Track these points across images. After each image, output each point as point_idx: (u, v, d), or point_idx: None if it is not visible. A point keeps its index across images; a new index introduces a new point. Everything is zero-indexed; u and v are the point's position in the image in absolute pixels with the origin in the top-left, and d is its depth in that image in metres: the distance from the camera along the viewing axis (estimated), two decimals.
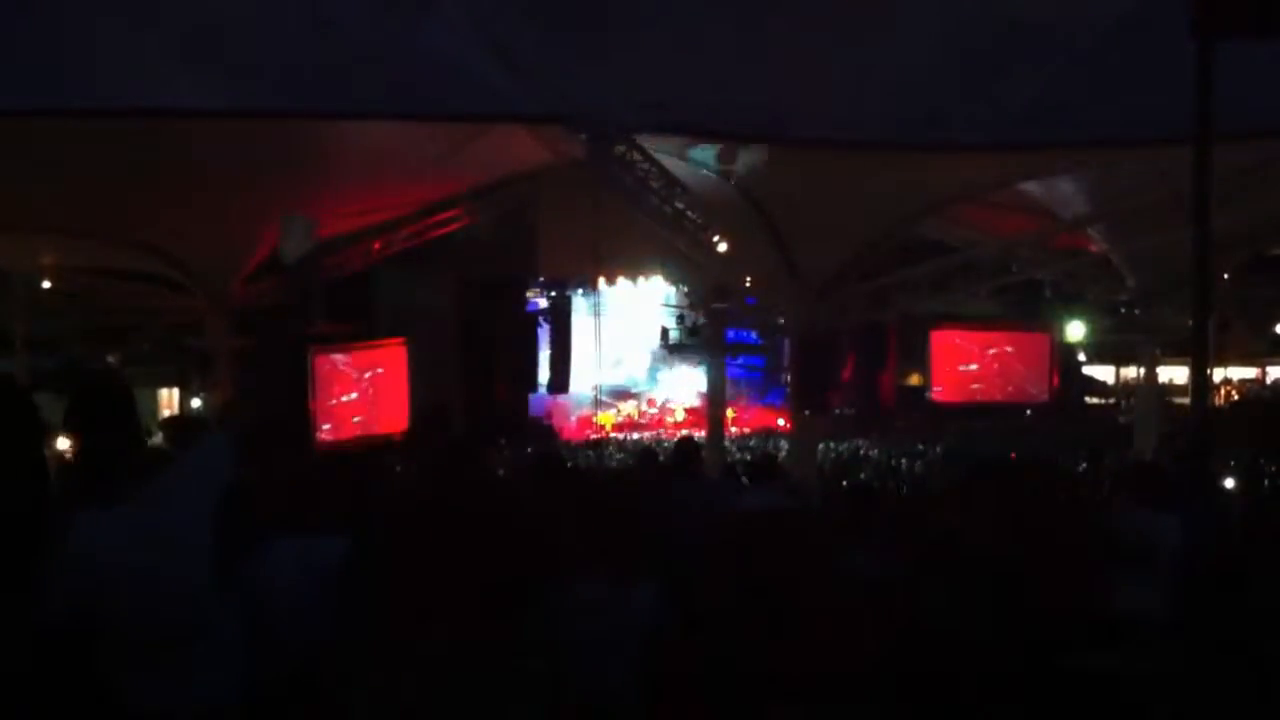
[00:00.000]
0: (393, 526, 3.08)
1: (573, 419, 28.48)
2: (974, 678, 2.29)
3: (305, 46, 14.03)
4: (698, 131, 15.55)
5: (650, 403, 30.66)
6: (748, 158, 16.11)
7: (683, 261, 20.29)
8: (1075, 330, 23.17)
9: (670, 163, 16.58)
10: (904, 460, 22.20)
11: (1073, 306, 22.86)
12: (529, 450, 20.86)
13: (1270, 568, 6.36)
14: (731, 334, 24.30)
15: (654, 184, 16.52)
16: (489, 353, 23.67)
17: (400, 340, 21.93)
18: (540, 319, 25.66)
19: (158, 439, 6.93)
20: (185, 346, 22.37)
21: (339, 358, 21.84)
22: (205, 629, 2.92)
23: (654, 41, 14.55)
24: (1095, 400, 30.32)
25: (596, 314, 27.55)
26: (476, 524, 2.48)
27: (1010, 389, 21.81)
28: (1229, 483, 12.69)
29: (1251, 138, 12.65)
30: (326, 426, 19.76)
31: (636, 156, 16.00)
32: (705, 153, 16.24)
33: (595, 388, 28.69)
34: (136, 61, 13.53)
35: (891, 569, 3.65)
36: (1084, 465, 14.32)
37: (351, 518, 4.07)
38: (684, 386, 30.37)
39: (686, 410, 29.76)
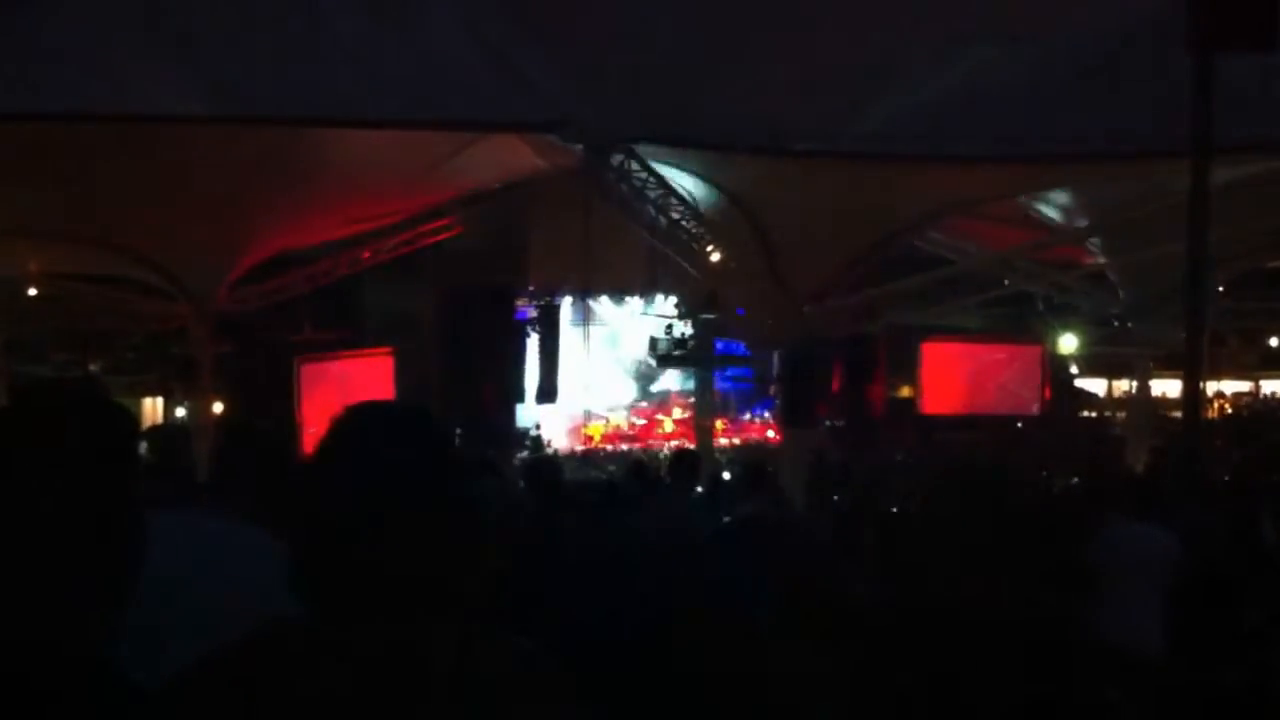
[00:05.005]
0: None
1: (561, 429, 28.32)
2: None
3: (299, 53, 13.93)
4: (695, 142, 15.47)
5: (639, 413, 30.53)
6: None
7: (673, 271, 20.17)
8: (1067, 343, 23.06)
9: (664, 171, 16.48)
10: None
11: (1065, 319, 22.76)
12: (516, 461, 20.66)
13: (1257, 579, 6.25)
14: (720, 345, 24.14)
15: (650, 194, 16.43)
16: (476, 362, 23.46)
17: (388, 349, 21.75)
18: (529, 329, 25.47)
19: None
20: (168, 354, 22.17)
21: (325, 366, 21.67)
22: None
23: (652, 51, 14.47)
24: (1089, 414, 30.22)
25: (586, 324, 27.42)
26: None
27: (1001, 402, 21.69)
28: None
29: (1247, 152, 12.57)
30: (313, 431, 19.55)
31: (633, 166, 15.93)
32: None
33: (584, 409, 28.60)
34: (129, 66, 13.42)
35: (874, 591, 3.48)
36: (1076, 479, 14.18)
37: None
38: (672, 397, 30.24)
39: (675, 421, 29.61)
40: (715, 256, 17.72)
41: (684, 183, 16.80)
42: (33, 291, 21.29)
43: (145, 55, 13.55)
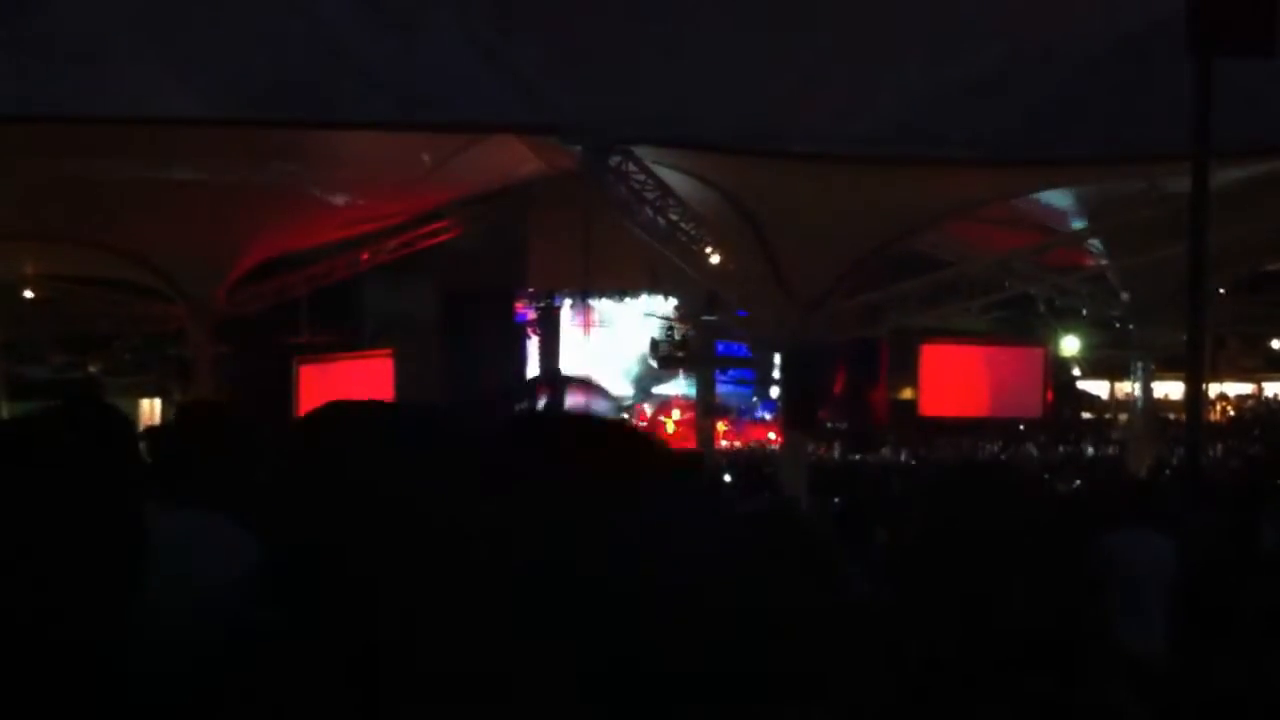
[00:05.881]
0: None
1: None
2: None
3: (299, 56, 13.94)
4: (694, 144, 15.42)
5: (640, 415, 30.44)
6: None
7: (673, 273, 20.12)
8: (1069, 345, 23.01)
9: (663, 173, 16.42)
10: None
11: (1067, 322, 22.72)
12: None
13: (1258, 584, 6.19)
14: (721, 347, 24.09)
15: (649, 196, 16.38)
16: (476, 364, 23.44)
17: (388, 351, 21.70)
18: (529, 330, 25.44)
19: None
20: (167, 355, 22.11)
21: (324, 367, 21.63)
22: None
23: (651, 53, 14.45)
24: (1089, 416, 30.10)
25: (586, 325, 27.39)
26: None
27: (1002, 404, 21.63)
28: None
29: (1248, 156, 12.53)
30: None
31: (632, 168, 15.87)
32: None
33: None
34: (128, 68, 13.42)
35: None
36: (1077, 483, 14.14)
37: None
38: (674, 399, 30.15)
39: (676, 423, 29.52)
40: (715, 259, 17.67)
41: (683, 184, 16.75)
42: (29, 294, 21.25)
43: (145, 57, 13.55)
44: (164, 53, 13.70)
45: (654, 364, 26.63)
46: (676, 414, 29.52)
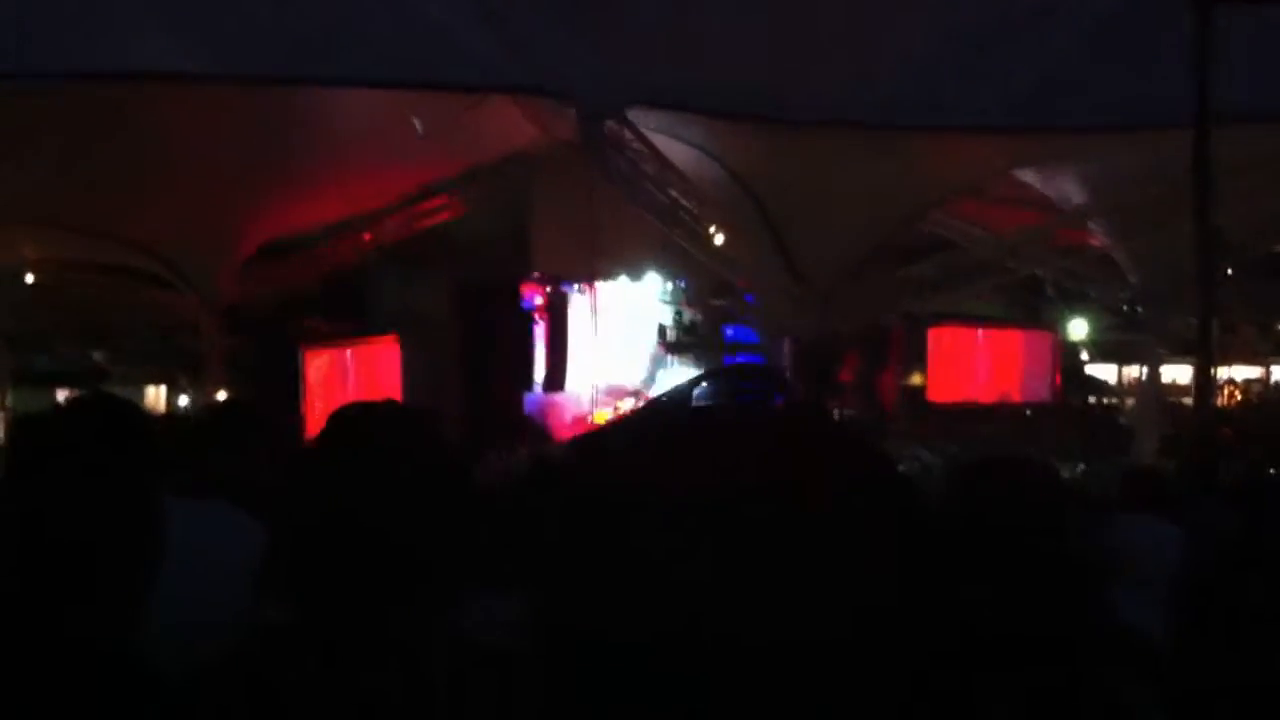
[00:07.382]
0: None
1: (568, 418, 28.10)
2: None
3: (289, 11, 13.76)
4: (692, 108, 15.26)
5: (647, 400, 30.28)
6: None
7: (680, 256, 19.96)
8: (1077, 329, 22.85)
9: (664, 143, 16.10)
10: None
11: (1075, 305, 22.56)
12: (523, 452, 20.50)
13: (1266, 575, 6.07)
14: (730, 332, 23.94)
15: (647, 168, 16.07)
16: (484, 351, 23.36)
17: (393, 336, 21.69)
18: (536, 316, 25.29)
19: None
20: (173, 344, 22.10)
21: (331, 354, 21.62)
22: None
23: (650, 14, 14.32)
24: (1097, 400, 29.88)
25: (593, 310, 27.23)
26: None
27: (1010, 389, 21.51)
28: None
29: (1255, 120, 12.35)
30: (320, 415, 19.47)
31: (629, 135, 15.51)
32: None
33: (593, 386, 28.36)
34: (112, 22, 13.24)
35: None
36: (1081, 468, 14.05)
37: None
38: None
39: None
40: (720, 239, 17.44)
41: (686, 159, 16.51)
42: (30, 279, 21.15)
43: (134, 12, 13.37)
44: (159, 10, 13.54)
45: (662, 350, 26.50)
46: None
